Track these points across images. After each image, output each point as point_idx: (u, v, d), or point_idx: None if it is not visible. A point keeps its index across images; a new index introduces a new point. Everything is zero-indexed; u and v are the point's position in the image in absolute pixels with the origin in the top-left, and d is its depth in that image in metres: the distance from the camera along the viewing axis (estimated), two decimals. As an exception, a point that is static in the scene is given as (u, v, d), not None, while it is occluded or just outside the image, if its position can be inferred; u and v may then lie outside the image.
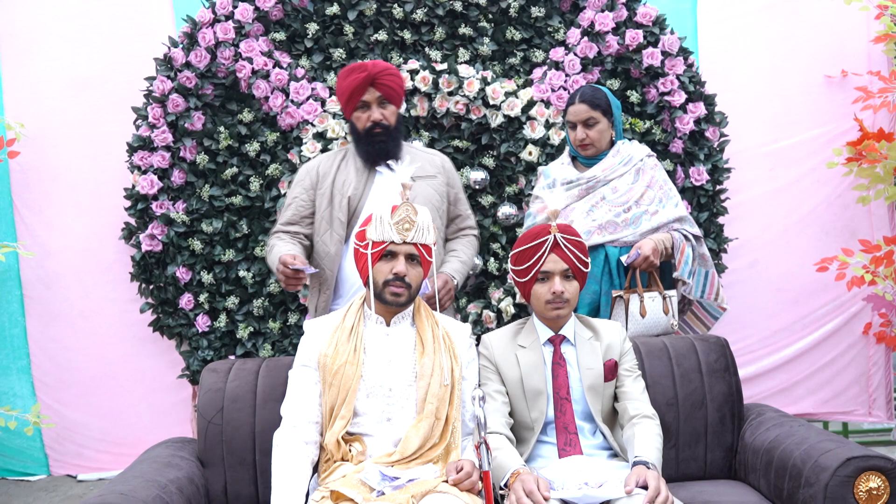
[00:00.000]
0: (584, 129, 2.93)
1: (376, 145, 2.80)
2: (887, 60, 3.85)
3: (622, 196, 2.92)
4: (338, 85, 2.83)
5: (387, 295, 2.24)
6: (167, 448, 2.47)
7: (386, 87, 2.77)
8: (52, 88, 3.70)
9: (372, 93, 2.76)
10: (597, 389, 2.29)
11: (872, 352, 3.92)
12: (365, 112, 2.78)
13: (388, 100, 2.80)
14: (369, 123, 2.78)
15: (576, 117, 2.94)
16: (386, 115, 2.79)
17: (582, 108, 2.93)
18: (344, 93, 2.79)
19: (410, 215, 2.24)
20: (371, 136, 2.79)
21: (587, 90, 2.97)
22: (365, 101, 2.77)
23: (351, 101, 2.78)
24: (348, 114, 2.84)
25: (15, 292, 3.77)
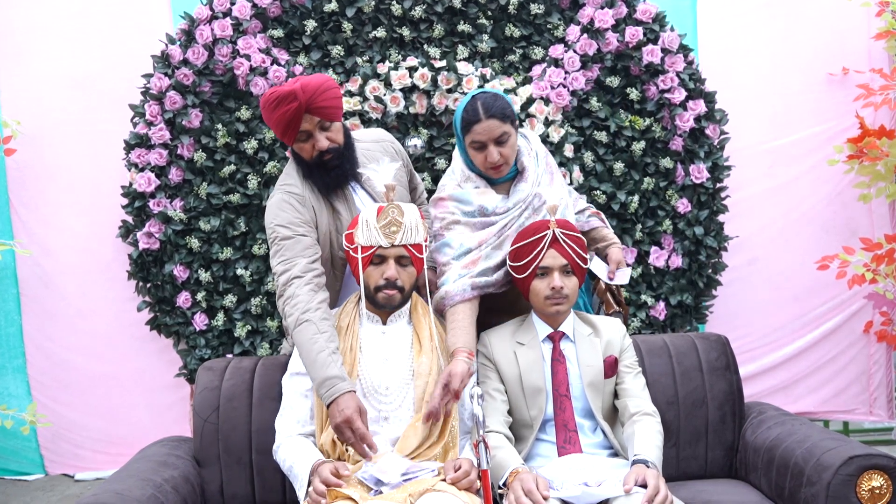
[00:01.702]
0: (497, 148, 2.41)
1: (332, 172, 2.44)
2: (888, 57, 3.84)
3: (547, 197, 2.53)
4: (266, 117, 2.41)
5: (379, 299, 2.23)
6: (163, 447, 2.46)
7: (322, 109, 2.38)
8: (50, 86, 3.68)
9: (310, 120, 2.37)
10: (597, 386, 2.28)
11: (873, 350, 3.91)
12: (307, 142, 2.41)
13: (330, 119, 2.41)
14: (316, 153, 2.41)
15: (487, 136, 2.39)
16: (332, 137, 2.42)
17: (492, 123, 2.38)
18: (277, 126, 2.39)
19: (397, 217, 2.21)
20: (323, 165, 2.43)
21: (489, 100, 2.41)
22: (304, 130, 2.39)
23: (287, 133, 2.40)
24: (288, 142, 2.45)
25: (11, 290, 3.75)
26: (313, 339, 2.17)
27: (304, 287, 2.27)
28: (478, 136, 2.40)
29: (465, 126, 2.42)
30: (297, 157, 2.48)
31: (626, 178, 3.60)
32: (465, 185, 2.52)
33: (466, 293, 2.35)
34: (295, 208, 2.42)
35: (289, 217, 2.39)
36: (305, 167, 2.47)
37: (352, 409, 2.07)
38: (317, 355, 2.15)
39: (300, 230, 2.38)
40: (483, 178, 2.51)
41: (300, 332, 2.20)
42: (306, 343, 2.18)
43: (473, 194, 2.49)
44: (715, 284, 3.69)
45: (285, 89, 2.34)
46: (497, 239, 2.44)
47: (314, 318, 2.21)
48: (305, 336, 2.18)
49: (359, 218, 2.25)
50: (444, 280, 2.39)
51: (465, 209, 2.48)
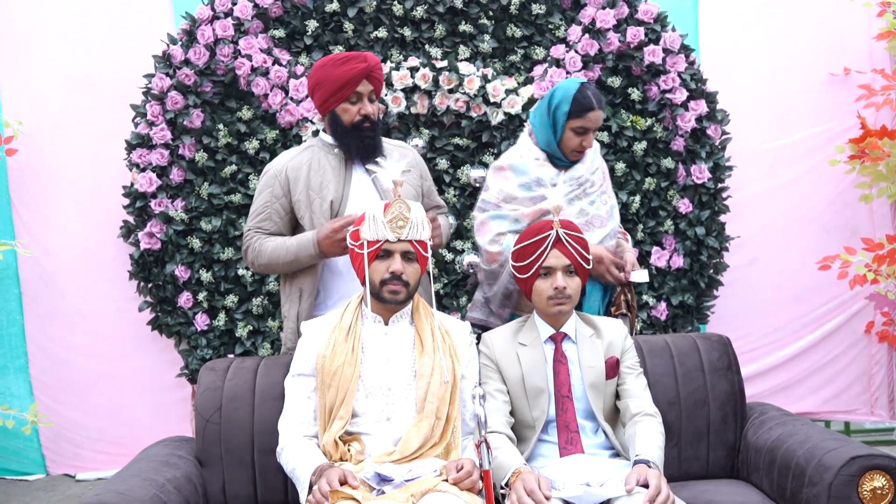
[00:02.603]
0: (593, 135, 2.70)
1: (364, 140, 2.64)
2: (889, 58, 3.84)
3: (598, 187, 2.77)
4: (324, 74, 2.60)
5: (385, 294, 2.22)
6: (165, 447, 2.45)
7: (378, 81, 2.66)
8: (51, 86, 3.68)
9: (366, 85, 2.61)
10: (598, 387, 2.28)
11: (874, 351, 3.91)
12: (356, 105, 2.61)
13: (377, 95, 2.69)
14: (359, 117, 2.62)
15: (594, 124, 2.66)
16: (374, 110, 2.66)
17: (601, 114, 2.67)
18: (334, 82, 2.58)
19: (404, 212, 2.22)
20: (359, 130, 2.63)
21: (597, 92, 2.69)
22: (359, 92, 2.60)
23: (342, 91, 2.59)
24: (331, 105, 2.62)
25: (13, 291, 3.76)
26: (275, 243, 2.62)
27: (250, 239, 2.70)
28: (588, 123, 2.64)
29: (580, 111, 2.62)
30: (335, 121, 2.65)
31: (627, 178, 3.60)
32: (525, 157, 2.72)
33: None
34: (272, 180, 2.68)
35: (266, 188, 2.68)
36: (342, 129, 2.64)
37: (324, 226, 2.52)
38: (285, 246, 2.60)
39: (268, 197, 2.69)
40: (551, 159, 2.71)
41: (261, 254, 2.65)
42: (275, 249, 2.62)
43: (532, 165, 2.70)
44: (716, 285, 3.69)
45: (355, 52, 2.66)
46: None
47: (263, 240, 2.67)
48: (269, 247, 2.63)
49: (364, 215, 2.25)
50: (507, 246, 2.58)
51: (521, 180, 2.69)
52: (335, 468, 2.00)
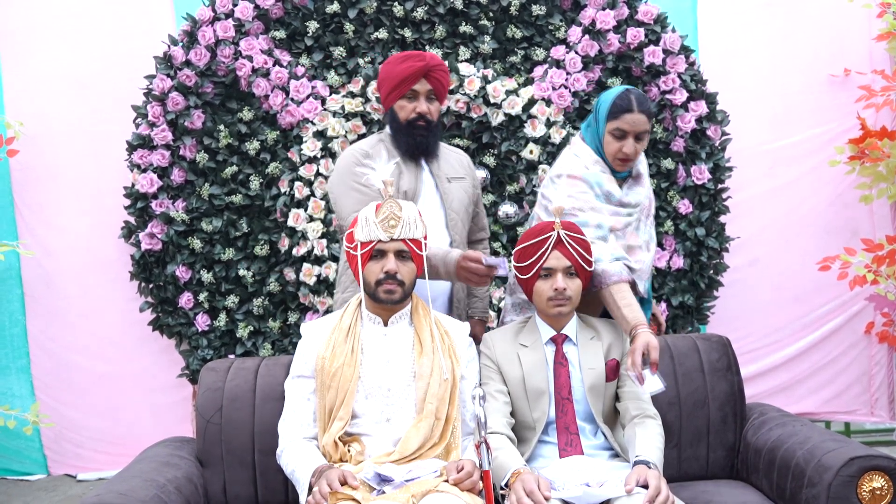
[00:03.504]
0: (635, 144, 2.53)
1: (417, 138, 2.67)
2: (889, 58, 3.84)
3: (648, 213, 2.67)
4: (387, 70, 2.67)
5: (380, 294, 2.23)
6: (166, 447, 2.46)
7: (438, 81, 2.66)
8: (53, 87, 3.69)
9: (423, 84, 2.64)
10: (598, 389, 2.28)
11: (874, 351, 3.91)
12: (412, 102, 2.65)
13: (437, 95, 2.69)
14: (414, 115, 2.65)
15: (632, 127, 2.50)
16: (431, 109, 2.67)
17: (642, 118, 2.51)
18: (393, 79, 2.64)
19: (395, 211, 2.22)
20: (413, 127, 2.66)
21: (641, 97, 2.54)
22: (415, 90, 2.64)
23: (399, 88, 2.64)
24: (391, 101, 2.68)
25: (16, 291, 3.77)
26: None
27: None
28: (624, 125, 2.51)
29: (616, 112, 2.52)
30: (393, 118, 2.70)
31: (627, 179, 3.60)
32: (592, 168, 2.58)
33: (623, 275, 2.41)
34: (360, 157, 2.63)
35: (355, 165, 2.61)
36: (397, 125, 2.69)
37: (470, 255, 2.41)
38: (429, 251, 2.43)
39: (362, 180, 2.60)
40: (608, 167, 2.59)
41: None
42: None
43: (604, 179, 2.56)
44: (716, 285, 3.70)
45: (415, 52, 2.69)
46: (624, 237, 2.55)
47: None
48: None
49: (357, 217, 2.26)
50: (598, 258, 2.40)
51: (595, 192, 2.55)
52: (334, 469, 2.01)
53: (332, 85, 3.53)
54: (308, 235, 3.46)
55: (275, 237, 3.54)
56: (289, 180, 3.48)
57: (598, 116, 2.59)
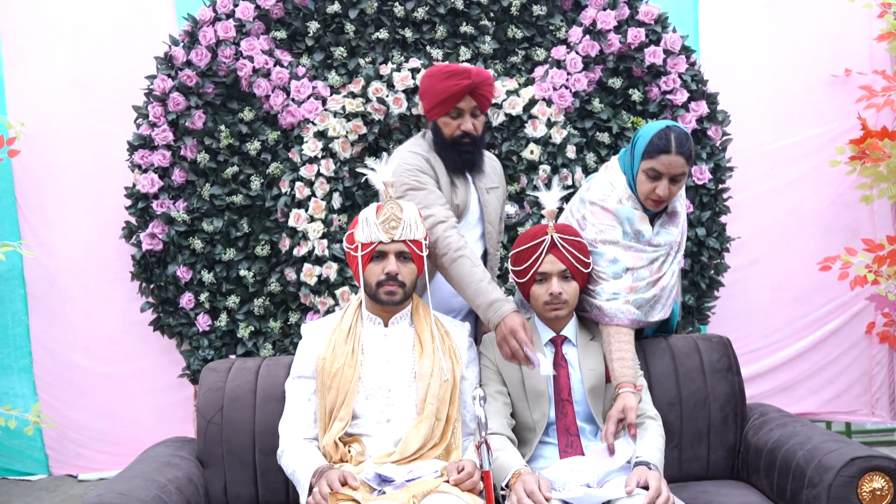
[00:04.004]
0: (670, 186, 2.34)
1: (463, 155, 2.61)
2: (890, 59, 3.84)
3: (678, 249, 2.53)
4: (430, 84, 2.57)
5: (381, 295, 2.23)
6: (167, 447, 2.46)
7: (483, 97, 2.58)
8: (55, 87, 3.70)
9: (468, 101, 2.55)
10: (598, 391, 2.28)
11: (875, 352, 3.91)
12: (456, 120, 2.57)
13: (482, 110, 2.61)
14: (459, 132, 2.57)
15: (667, 170, 2.32)
16: (476, 125, 2.60)
17: (679, 161, 2.31)
18: (437, 95, 2.55)
19: (396, 213, 2.22)
20: (458, 145, 2.59)
21: (682, 137, 2.33)
22: (460, 108, 2.55)
23: (443, 105, 2.55)
24: (434, 116, 2.60)
25: (19, 291, 3.78)
26: (472, 272, 2.35)
27: (450, 230, 2.42)
28: (659, 166, 2.33)
29: (652, 152, 2.34)
30: (436, 132, 2.62)
31: (628, 179, 3.60)
32: (625, 203, 2.43)
33: (622, 319, 2.35)
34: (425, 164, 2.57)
35: (421, 168, 2.54)
36: (441, 141, 2.61)
37: (517, 322, 2.23)
38: (478, 283, 2.33)
39: (431, 183, 2.54)
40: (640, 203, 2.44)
41: (457, 266, 2.37)
42: (466, 275, 2.36)
43: (636, 217, 2.42)
44: (717, 285, 3.70)
45: (461, 67, 2.56)
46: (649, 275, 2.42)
47: (467, 253, 2.39)
48: (464, 269, 2.36)
49: (358, 218, 2.26)
50: (598, 292, 2.38)
51: (624, 229, 2.43)
52: (335, 469, 2.01)
53: (332, 85, 3.53)
54: (309, 236, 3.46)
55: (276, 237, 3.54)
56: (289, 180, 3.48)
57: (635, 151, 2.42)
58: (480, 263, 2.40)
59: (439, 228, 2.40)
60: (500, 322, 2.25)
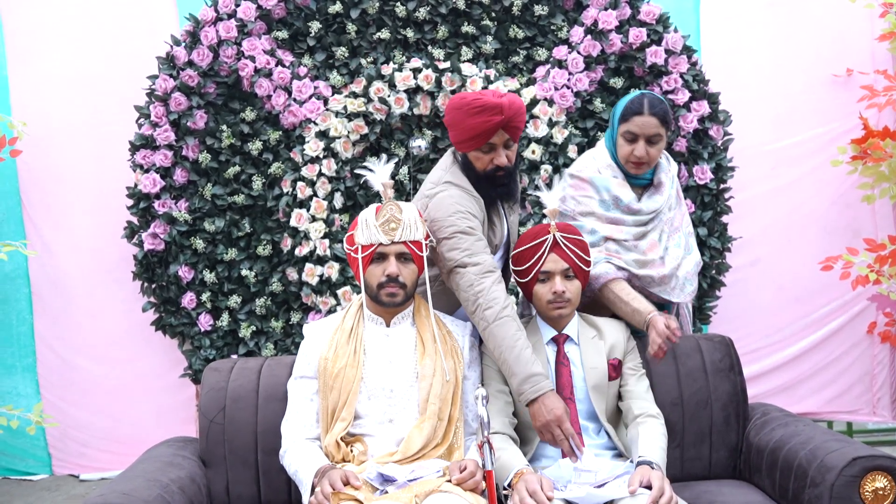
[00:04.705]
0: (647, 146, 2.49)
1: (499, 189, 2.46)
2: (892, 58, 3.84)
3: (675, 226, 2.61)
4: (459, 118, 2.39)
5: (382, 297, 2.23)
6: (169, 447, 2.46)
7: (516, 129, 2.41)
8: (59, 88, 3.71)
9: (501, 135, 2.38)
10: (601, 389, 2.28)
11: (877, 351, 3.91)
12: (488, 154, 2.41)
13: (514, 140, 2.44)
14: (492, 167, 2.42)
15: (642, 130, 2.48)
16: (510, 156, 2.44)
17: (652, 121, 2.47)
18: (468, 131, 2.38)
19: (395, 214, 2.22)
20: (493, 179, 2.44)
21: (655, 100, 2.51)
22: (492, 143, 2.39)
23: (474, 141, 2.39)
24: (464, 149, 2.44)
25: (23, 290, 3.79)
26: (516, 336, 2.22)
27: (498, 284, 2.29)
28: (634, 128, 2.49)
29: (627, 115, 2.51)
30: (467, 165, 2.46)
31: (629, 179, 3.60)
32: (604, 172, 2.58)
33: (610, 273, 2.44)
34: (476, 206, 2.42)
35: (473, 212, 2.38)
36: (474, 175, 2.45)
37: (560, 408, 2.13)
38: (521, 352, 2.20)
39: (479, 228, 2.38)
40: (622, 172, 2.58)
41: (501, 326, 2.23)
42: (509, 339, 2.22)
43: (613, 184, 2.56)
44: (718, 285, 3.70)
45: (492, 101, 2.34)
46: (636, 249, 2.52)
47: (512, 314, 2.26)
48: (508, 332, 2.23)
49: (358, 219, 2.26)
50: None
51: (601, 196, 2.56)
52: (337, 469, 2.01)
53: (334, 85, 3.53)
54: (310, 235, 3.46)
55: (277, 237, 3.55)
56: (291, 180, 3.48)
57: (613, 120, 2.58)
58: (523, 328, 2.27)
59: (488, 280, 2.28)
60: (539, 401, 2.14)
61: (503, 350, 2.22)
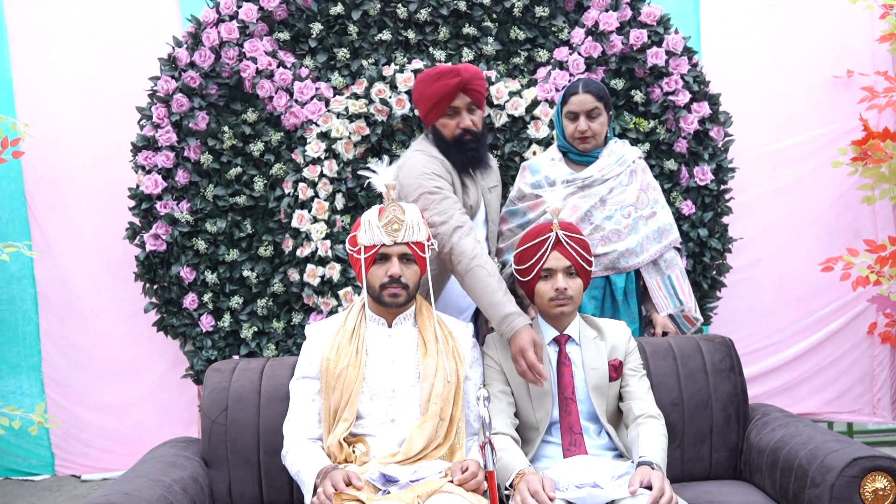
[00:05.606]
0: (587, 121, 2.78)
1: (469, 153, 2.64)
2: (892, 60, 3.85)
3: (617, 197, 2.82)
4: (421, 90, 2.63)
5: (385, 297, 2.24)
6: (171, 448, 2.47)
7: (476, 92, 2.62)
8: (64, 90, 3.74)
9: (462, 98, 2.59)
10: (602, 389, 2.29)
11: (877, 352, 3.92)
12: (453, 119, 2.61)
13: (477, 105, 2.64)
14: (459, 131, 2.61)
15: (580, 107, 2.78)
16: (475, 120, 2.64)
17: (587, 98, 2.77)
18: (430, 98, 2.60)
19: (398, 215, 2.23)
20: (462, 143, 2.63)
21: (589, 80, 2.85)
22: (455, 106, 2.60)
23: (438, 107, 2.60)
24: (432, 120, 2.65)
25: (29, 290, 3.82)
26: (486, 283, 2.36)
27: (467, 237, 2.43)
28: (573, 107, 2.79)
29: (565, 97, 2.83)
30: (437, 135, 2.65)
31: (630, 180, 3.60)
32: (543, 157, 2.90)
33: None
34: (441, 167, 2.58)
35: (438, 172, 2.55)
36: (444, 143, 2.64)
37: (526, 340, 2.24)
38: (492, 295, 2.35)
39: (447, 188, 2.54)
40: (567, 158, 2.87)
41: (473, 277, 2.38)
42: (480, 286, 2.37)
43: (545, 165, 2.87)
44: (719, 286, 3.70)
45: (448, 66, 2.62)
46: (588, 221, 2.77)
47: (483, 262, 2.40)
48: (479, 280, 2.37)
49: (360, 220, 2.27)
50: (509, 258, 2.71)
51: (532, 179, 2.86)
52: (339, 470, 2.02)
53: (335, 86, 3.54)
54: (312, 236, 3.47)
55: (279, 238, 3.55)
56: (293, 181, 3.49)
57: (557, 108, 2.88)
58: (496, 272, 2.40)
59: (456, 235, 2.41)
60: (513, 338, 2.26)
61: (478, 298, 2.39)
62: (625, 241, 2.81)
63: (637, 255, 2.82)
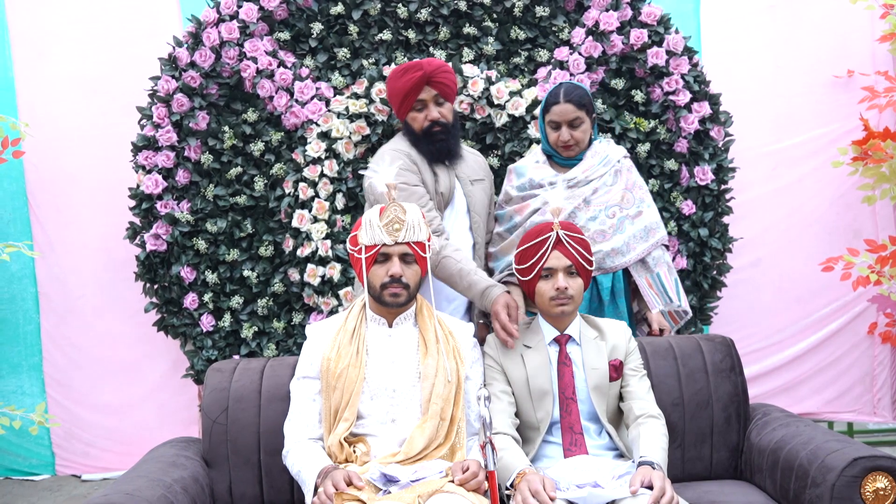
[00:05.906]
0: (570, 130, 2.81)
1: (437, 144, 2.76)
2: (892, 60, 3.85)
3: (602, 197, 2.84)
4: (390, 86, 2.80)
5: (386, 297, 2.24)
6: (172, 448, 2.47)
7: (441, 84, 2.73)
8: (66, 90, 3.75)
9: (428, 91, 2.73)
10: (602, 389, 2.29)
11: (877, 352, 3.92)
12: (421, 112, 2.75)
13: (445, 97, 2.76)
14: (427, 123, 2.74)
15: (561, 117, 2.81)
16: (443, 112, 2.75)
17: (568, 108, 2.80)
18: (398, 94, 2.75)
19: (399, 215, 2.23)
20: (431, 135, 2.76)
21: (570, 88, 2.84)
22: (421, 99, 2.73)
23: (406, 101, 2.75)
24: (403, 114, 2.79)
25: (30, 290, 3.82)
26: (458, 269, 2.53)
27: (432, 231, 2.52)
28: (554, 117, 2.82)
29: (547, 106, 2.85)
30: (408, 128, 2.79)
31: (630, 179, 3.60)
32: (528, 160, 2.95)
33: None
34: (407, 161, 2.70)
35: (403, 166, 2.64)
36: (414, 136, 2.77)
37: (500, 303, 2.40)
38: (466, 277, 2.52)
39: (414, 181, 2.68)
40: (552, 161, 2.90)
41: (442, 268, 2.56)
42: (453, 273, 2.55)
43: (530, 167, 2.90)
44: (719, 286, 3.70)
45: (413, 62, 2.75)
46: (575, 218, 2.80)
47: (448, 253, 2.57)
48: (450, 268, 2.55)
49: (361, 220, 2.27)
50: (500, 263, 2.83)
51: (518, 182, 2.90)
52: (340, 470, 2.02)
53: (336, 86, 3.54)
54: (312, 236, 3.46)
55: (279, 238, 3.55)
56: (293, 181, 3.49)
57: (540, 114, 2.91)
58: (463, 256, 2.54)
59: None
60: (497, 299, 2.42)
61: (455, 285, 2.56)
62: (610, 242, 2.82)
63: (623, 254, 2.83)
